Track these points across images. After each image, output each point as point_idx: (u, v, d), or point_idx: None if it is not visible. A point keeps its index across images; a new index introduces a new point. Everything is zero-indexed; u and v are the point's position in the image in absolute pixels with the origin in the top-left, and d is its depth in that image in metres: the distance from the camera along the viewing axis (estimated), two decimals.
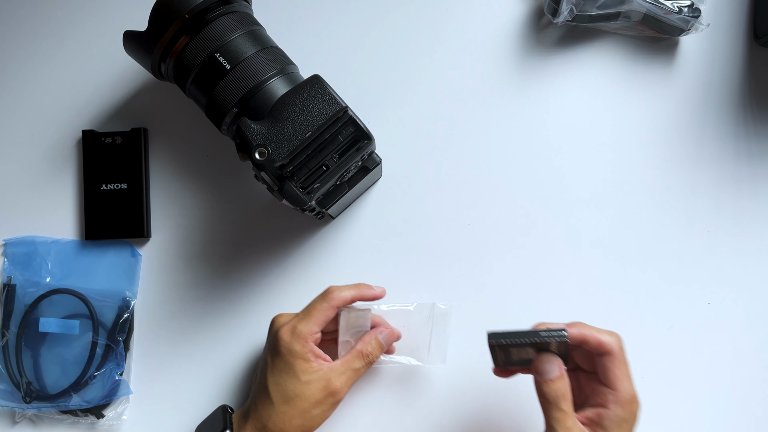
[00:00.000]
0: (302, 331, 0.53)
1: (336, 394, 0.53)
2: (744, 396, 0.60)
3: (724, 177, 0.62)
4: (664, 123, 0.63)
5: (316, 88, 0.51)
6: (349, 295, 0.54)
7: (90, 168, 0.63)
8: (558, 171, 0.62)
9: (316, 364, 0.53)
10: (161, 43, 0.54)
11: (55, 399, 0.60)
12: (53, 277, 0.63)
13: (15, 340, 0.62)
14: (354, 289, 0.55)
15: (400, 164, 0.63)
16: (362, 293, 0.55)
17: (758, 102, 0.62)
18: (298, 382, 0.52)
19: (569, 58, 0.63)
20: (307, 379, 0.52)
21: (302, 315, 0.54)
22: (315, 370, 0.53)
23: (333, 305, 0.54)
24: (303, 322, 0.53)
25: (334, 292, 0.54)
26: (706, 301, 0.61)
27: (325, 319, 0.54)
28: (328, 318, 0.54)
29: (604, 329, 0.50)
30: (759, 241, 0.61)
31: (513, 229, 0.62)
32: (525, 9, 0.64)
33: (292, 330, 0.53)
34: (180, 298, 0.63)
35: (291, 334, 0.53)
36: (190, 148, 0.64)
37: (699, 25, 0.59)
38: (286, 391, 0.52)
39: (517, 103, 0.63)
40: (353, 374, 0.54)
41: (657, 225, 0.62)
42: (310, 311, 0.54)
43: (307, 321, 0.53)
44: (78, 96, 0.65)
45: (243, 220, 0.63)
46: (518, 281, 0.61)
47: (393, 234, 0.62)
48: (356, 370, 0.54)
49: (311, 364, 0.53)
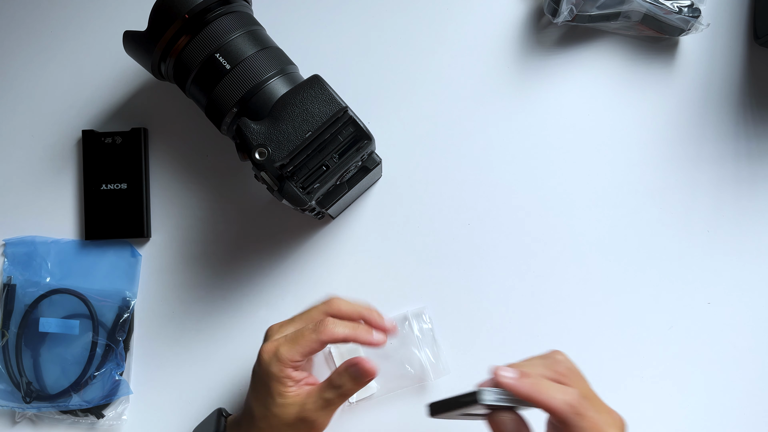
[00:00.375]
0: (283, 356, 0.50)
1: (309, 423, 0.50)
2: (744, 396, 0.60)
3: (724, 177, 0.62)
4: (664, 123, 0.63)
5: (316, 88, 0.51)
6: (342, 335, 0.50)
7: (90, 168, 0.63)
8: (558, 171, 0.62)
9: (293, 388, 0.50)
10: (161, 43, 0.54)
11: (55, 399, 0.60)
12: (53, 277, 0.63)
13: (15, 340, 0.62)
14: (350, 329, 0.50)
15: (400, 164, 0.63)
16: (357, 336, 0.50)
17: (758, 102, 0.62)
18: (274, 403, 0.50)
19: (569, 58, 0.63)
20: (281, 402, 0.50)
21: (290, 338, 0.51)
22: (290, 394, 0.50)
23: (322, 340, 0.50)
24: (286, 346, 0.50)
25: (328, 326, 0.50)
26: (706, 301, 0.61)
27: (311, 351, 0.50)
28: (314, 350, 0.50)
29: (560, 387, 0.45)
30: (759, 241, 0.61)
31: (513, 229, 0.62)
32: (525, 9, 0.64)
33: (274, 352, 0.50)
34: (180, 298, 0.63)
35: (272, 355, 0.50)
36: (190, 148, 0.64)
37: (699, 25, 0.59)
38: (263, 408, 0.51)
39: (517, 103, 0.63)
40: (325, 404, 0.50)
41: (657, 225, 0.62)
42: (298, 338, 0.50)
43: (291, 347, 0.50)
44: (78, 96, 0.65)
45: (243, 220, 0.63)
46: (518, 281, 0.61)
47: (393, 234, 0.62)
48: (328, 400, 0.50)
49: (288, 389, 0.50)
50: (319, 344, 0.50)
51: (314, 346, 0.50)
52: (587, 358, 0.61)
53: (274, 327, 0.53)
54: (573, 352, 0.61)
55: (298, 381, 0.51)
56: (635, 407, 0.60)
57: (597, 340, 0.61)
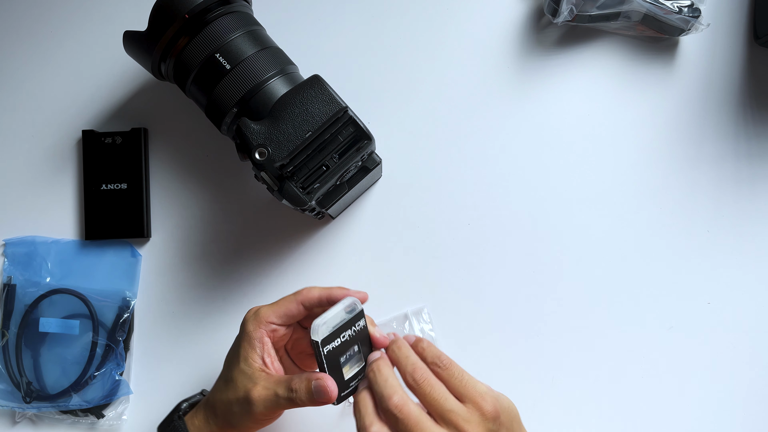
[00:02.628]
0: (261, 314, 0.51)
1: (251, 404, 0.48)
2: (744, 396, 0.60)
3: (724, 177, 0.62)
4: (664, 123, 0.63)
5: (316, 88, 0.51)
6: (317, 294, 0.50)
7: (90, 168, 0.63)
8: (558, 171, 0.62)
9: (258, 360, 0.50)
10: (161, 43, 0.54)
11: (55, 399, 0.61)
12: (53, 277, 0.63)
13: (15, 340, 0.62)
14: (325, 289, 0.51)
15: (400, 164, 0.63)
16: (332, 293, 0.50)
17: (758, 102, 0.62)
18: (237, 366, 0.50)
19: (569, 58, 0.63)
20: (242, 368, 0.50)
21: (270, 303, 0.52)
22: (254, 365, 0.50)
23: (299, 299, 0.50)
24: (266, 307, 0.51)
25: (305, 289, 0.51)
26: (706, 301, 0.61)
27: (287, 312, 0.50)
28: (291, 312, 0.50)
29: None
30: (759, 241, 0.61)
31: (513, 229, 0.62)
32: (525, 9, 0.64)
33: (255, 311, 0.51)
34: (180, 298, 0.63)
35: (252, 314, 0.51)
36: (190, 148, 0.64)
37: (699, 25, 0.59)
38: (227, 369, 0.51)
39: (517, 103, 0.63)
40: (274, 398, 0.48)
41: (657, 225, 0.62)
42: (278, 302, 0.51)
43: (270, 307, 0.51)
44: (78, 96, 0.65)
45: (243, 220, 0.63)
46: (518, 281, 0.61)
47: (393, 234, 0.62)
48: (277, 395, 0.48)
49: (254, 355, 0.50)
50: (296, 305, 0.50)
51: (290, 306, 0.50)
52: (587, 358, 0.61)
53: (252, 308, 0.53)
54: (573, 352, 0.61)
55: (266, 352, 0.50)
56: (635, 407, 0.60)
57: (597, 339, 0.61)
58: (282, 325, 0.51)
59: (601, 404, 0.60)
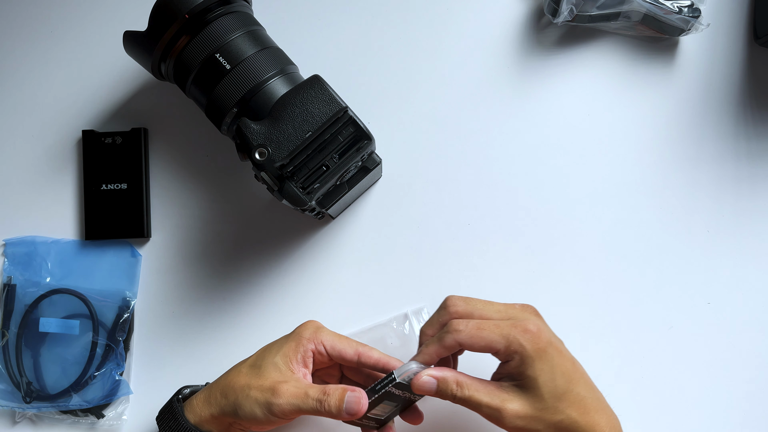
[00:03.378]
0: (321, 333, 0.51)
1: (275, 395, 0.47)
2: (744, 396, 0.60)
3: (724, 177, 0.62)
4: (664, 123, 0.63)
5: (316, 88, 0.51)
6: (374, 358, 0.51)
7: (90, 168, 0.63)
8: (558, 171, 0.62)
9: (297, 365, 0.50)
10: (161, 43, 0.54)
11: (55, 399, 0.61)
12: (53, 277, 0.63)
13: (15, 340, 0.62)
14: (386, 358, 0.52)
15: (400, 164, 0.63)
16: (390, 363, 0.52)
17: (758, 102, 0.62)
18: (272, 358, 0.50)
19: (569, 58, 0.63)
20: (276, 361, 0.50)
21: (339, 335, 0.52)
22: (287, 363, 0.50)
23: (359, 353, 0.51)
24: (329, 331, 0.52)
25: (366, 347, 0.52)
26: (706, 301, 0.61)
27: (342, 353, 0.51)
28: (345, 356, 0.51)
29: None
30: (759, 241, 0.61)
31: (513, 229, 0.62)
32: (525, 9, 0.64)
33: (317, 327, 0.52)
34: (180, 298, 0.63)
35: (315, 326, 0.52)
36: (190, 148, 0.64)
37: (699, 25, 0.59)
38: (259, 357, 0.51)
39: (517, 103, 0.63)
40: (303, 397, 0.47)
41: (657, 225, 0.62)
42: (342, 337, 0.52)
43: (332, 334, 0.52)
44: (78, 96, 0.65)
45: (243, 220, 0.63)
46: (518, 281, 0.61)
47: (393, 234, 0.62)
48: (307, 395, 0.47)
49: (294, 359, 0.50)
50: (354, 354, 0.51)
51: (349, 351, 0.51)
52: (587, 357, 0.61)
53: None
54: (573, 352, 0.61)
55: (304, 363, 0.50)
56: (635, 407, 0.60)
57: (597, 340, 0.61)
58: (329, 355, 0.51)
59: None
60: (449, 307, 0.50)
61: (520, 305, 0.51)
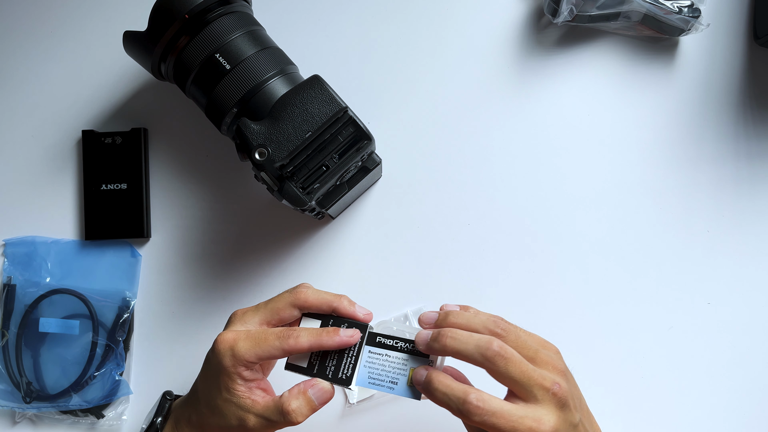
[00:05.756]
0: (239, 353, 0.46)
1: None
2: (744, 396, 0.60)
3: (724, 177, 0.62)
4: (664, 123, 0.63)
5: (316, 88, 0.51)
6: (307, 345, 0.46)
7: (90, 168, 0.63)
8: (558, 171, 0.62)
9: (242, 388, 0.47)
10: (161, 43, 0.54)
11: (55, 399, 0.61)
12: (53, 277, 0.63)
13: (15, 340, 0.62)
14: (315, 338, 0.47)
15: (400, 164, 0.63)
16: (323, 343, 0.46)
17: (758, 102, 0.62)
18: (219, 396, 0.47)
19: (569, 58, 0.63)
20: (227, 398, 0.47)
21: (252, 336, 0.47)
22: (238, 393, 0.47)
23: (284, 349, 0.46)
24: (246, 344, 0.46)
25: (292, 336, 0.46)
26: (706, 301, 0.61)
27: (270, 357, 0.46)
28: (274, 357, 0.47)
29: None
30: (759, 241, 0.61)
31: (512, 229, 0.62)
32: (525, 9, 0.64)
33: (231, 345, 0.47)
34: (180, 298, 0.63)
35: (227, 347, 0.47)
36: (190, 148, 0.64)
37: (699, 25, 0.59)
38: (209, 398, 0.48)
39: (517, 103, 0.63)
40: (268, 425, 0.46)
41: (657, 225, 0.62)
42: (260, 341, 0.46)
43: (250, 347, 0.46)
44: (78, 96, 0.65)
45: (243, 220, 0.63)
46: (518, 281, 0.61)
47: (393, 234, 0.62)
48: (271, 422, 0.46)
49: (237, 386, 0.47)
50: (281, 353, 0.46)
51: (275, 353, 0.46)
52: (587, 358, 0.61)
53: (237, 313, 0.50)
54: (573, 352, 0.61)
55: (248, 380, 0.47)
56: (635, 407, 0.60)
57: (597, 340, 0.61)
58: (259, 363, 0.47)
59: (600, 404, 0.60)
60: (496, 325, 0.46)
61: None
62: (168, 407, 0.55)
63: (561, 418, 0.43)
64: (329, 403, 0.47)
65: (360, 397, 0.60)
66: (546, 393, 0.43)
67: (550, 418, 0.43)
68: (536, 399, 0.43)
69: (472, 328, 0.45)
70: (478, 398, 0.43)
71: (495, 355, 0.43)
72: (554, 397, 0.43)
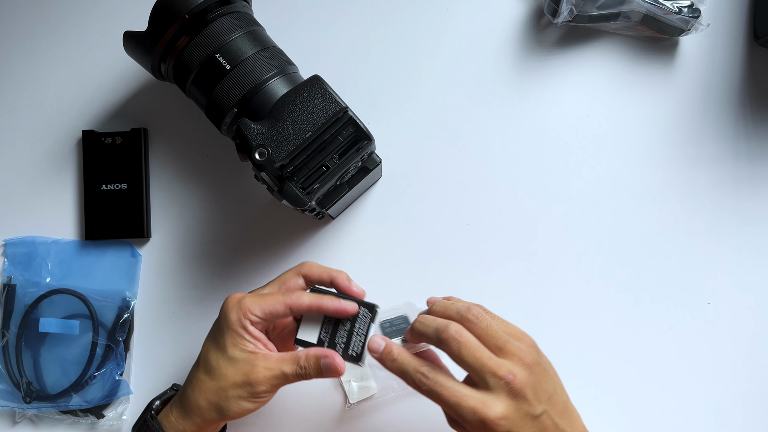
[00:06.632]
0: (245, 305, 0.49)
1: (254, 385, 0.48)
2: (744, 396, 0.60)
3: (724, 177, 0.62)
4: (664, 123, 0.63)
5: (316, 88, 0.51)
6: (307, 302, 0.49)
7: (90, 168, 0.63)
8: (557, 171, 0.62)
9: (249, 343, 0.49)
10: (161, 43, 0.54)
11: (55, 399, 0.61)
12: (53, 277, 0.63)
13: (15, 340, 0.62)
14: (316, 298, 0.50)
15: (400, 164, 0.63)
16: (322, 304, 0.49)
17: (758, 102, 0.62)
18: (223, 355, 0.49)
19: (569, 58, 0.63)
20: (232, 355, 0.49)
21: (257, 293, 0.51)
22: (244, 349, 0.49)
23: (287, 303, 0.49)
24: (252, 299, 0.50)
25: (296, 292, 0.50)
26: (706, 301, 0.61)
27: (274, 312, 0.49)
28: (278, 313, 0.49)
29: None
30: (759, 241, 0.61)
31: (512, 229, 0.62)
32: (525, 9, 0.64)
33: (238, 299, 0.50)
34: (180, 298, 0.63)
35: (235, 302, 0.50)
36: (190, 148, 0.64)
37: (699, 26, 0.59)
38: (210, 360, 0.50)
39: (517, 103, 0.63)
40: (280, 376, 0.48)
41: (657, 225, 0.62)
42: (266, 296, 0.50)
43: (256, 300, 0.49)
44: (78, 96, 0.65)
45: (243, 220, 0.63)
46: (518, 281, 0.61)
47: (393, 234, 0.62)
48: (284, 373, 0.48)
49: (242, 340, 0.49)
50: (284, 307, 0.49)
51: (279, 307, 0.49)
52: (587, 357, 0.61)
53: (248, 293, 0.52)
54: (573, 352, 0.61)
55: (255, 337, 0.49)
56: (635, 407, 0.60)
57: (597, 340, 0.61)
58: (264, 320, 0.50)
59: (600, 404, 0.60)
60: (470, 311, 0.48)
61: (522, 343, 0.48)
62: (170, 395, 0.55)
63: (512, 407, 0.44)
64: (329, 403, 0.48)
65: (360, 397, 0.60)
66: (498, 381, 0.44)
67: (499, 404, 0.44)
68: (488, 386, 0.44)
69: (447, 315, 0.48)
70: (430, 370, 0.46)
71: (449, 338, 0.45)
72: (507, 386, 0.44)
